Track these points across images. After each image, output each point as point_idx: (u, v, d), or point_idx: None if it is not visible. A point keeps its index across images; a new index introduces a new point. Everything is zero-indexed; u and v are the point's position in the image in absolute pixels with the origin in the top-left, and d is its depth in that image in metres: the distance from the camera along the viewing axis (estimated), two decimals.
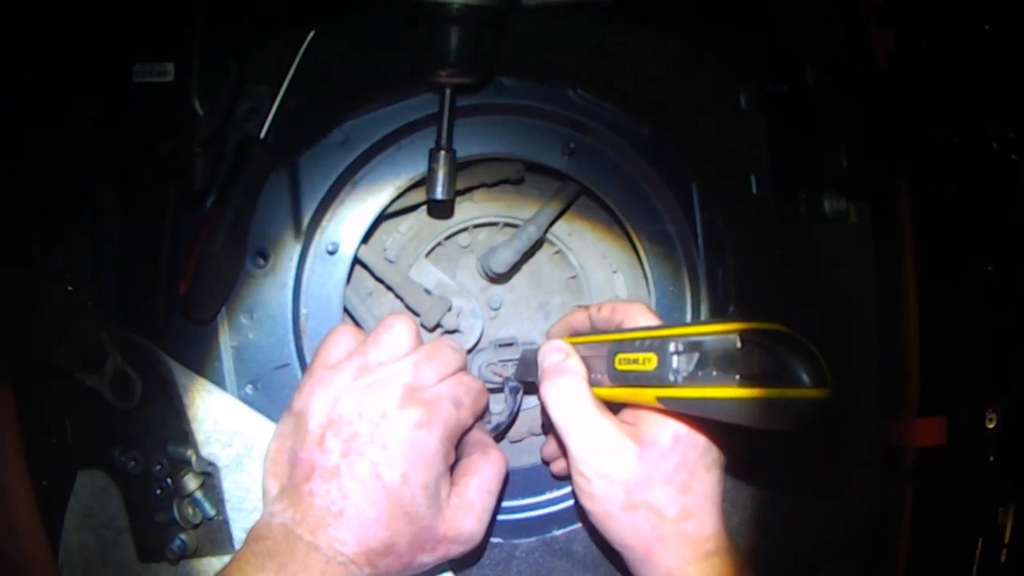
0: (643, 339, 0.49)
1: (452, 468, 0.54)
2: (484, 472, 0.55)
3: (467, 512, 0.53)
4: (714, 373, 0.43)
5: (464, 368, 0.56)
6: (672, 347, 0.46)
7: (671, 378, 0.46)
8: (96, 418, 0.62)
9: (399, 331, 0.54)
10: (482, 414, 0.57)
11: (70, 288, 0.59)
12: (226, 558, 0.58)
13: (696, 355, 0.45)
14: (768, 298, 0.66)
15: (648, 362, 0.48)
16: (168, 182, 0.56)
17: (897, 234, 0.67)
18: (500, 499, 0.57)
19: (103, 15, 0.53)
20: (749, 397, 0.40)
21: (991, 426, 0.67)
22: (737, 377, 0.41)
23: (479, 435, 0.58)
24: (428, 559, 0.53)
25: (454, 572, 0.59)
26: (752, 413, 0.41)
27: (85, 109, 0.55)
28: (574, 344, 0.55)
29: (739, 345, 0.42)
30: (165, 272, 0.59)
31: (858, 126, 0.63)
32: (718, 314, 0.66)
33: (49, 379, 0.61)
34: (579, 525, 0.65)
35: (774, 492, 0.67)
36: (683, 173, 0.65)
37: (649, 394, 0.47)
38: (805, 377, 0.39)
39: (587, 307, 0.59)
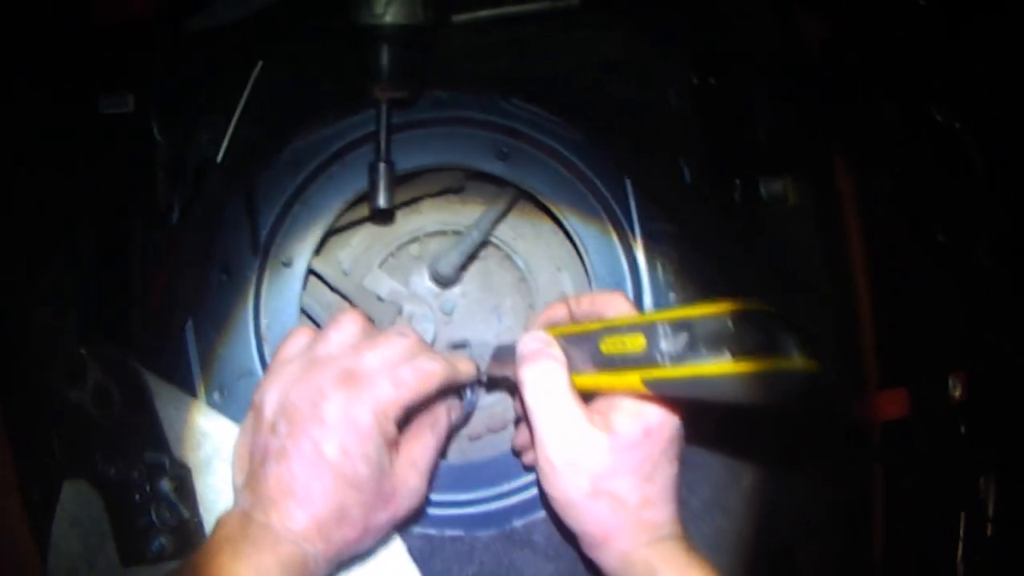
0: (631, 324, 0.50)
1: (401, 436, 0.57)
2: (427, 439, 0.59)
3: (410, 468, 0.57)
4: (704, 352, 0.44)
5: (416, 352, 0.58)
6: (661, 329, 0.47)
7: (659, 359, 0.47)
8: (79, 430, 0.67)
9: (345, 326, 0.58)
10: (435, 392, 0.58)
11: (53, 310, 0.65)
12: None
13: (685, 335, 0.46)
14: (711, 285, 0.68)
15: (636, 344, 0.49)
16: (134, 204, 0.62)
17: (839, 211, 0.68)
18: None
19: (68, 50, 0.60)
20: (742, 373, 0.42)
21: (956, 394, 0.66)
22: (729, 354, 0.43)
23: (430, 412, 0.60)
24: (382, 517, 0.55)
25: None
26: (744, 389, 0.42)
27: (62, 142, 0.62)
28: (554, 335, 0.57)
29: (730, 324, 0.43)
30: (137, 288, 0.65)
31: (785, 107, 0.65)
32: (661, 303, 0.67)
33: (36, 397, 0.66)
34: (540, 515, 0.66)
35: (733, 474, 0.67)
36: (615, 169, 0.68)
37: (635, 377, 0.49)
38: (795, 351, 0.41)
39: (566, 300, 0.61)
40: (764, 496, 0.67)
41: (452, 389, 0.62)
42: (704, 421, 0.61)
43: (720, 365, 0.42)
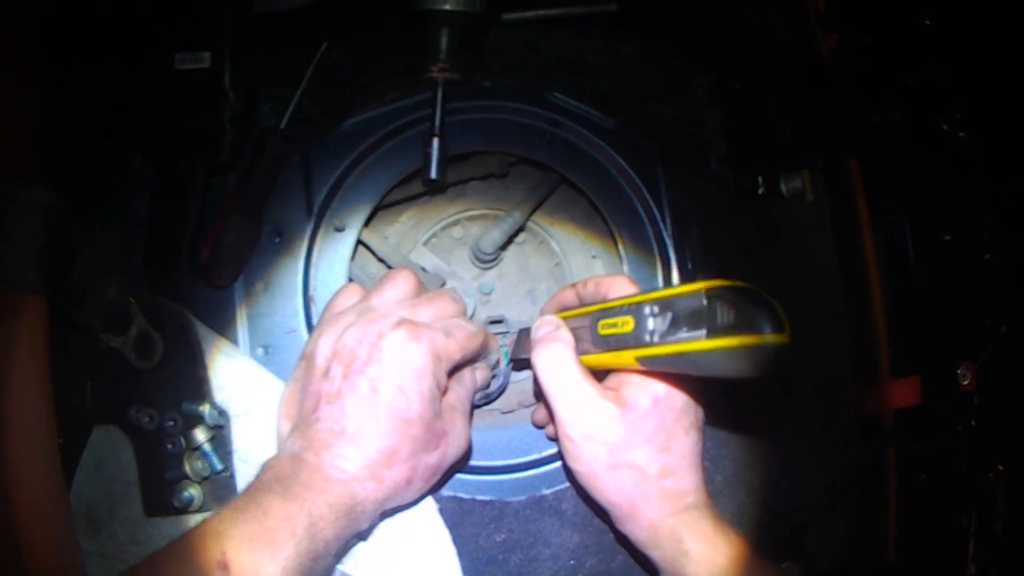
0: (622, 305, 0.54)
1: None
2: (459, 390, 0.61)
3: (453, 411, 0.58)
4: (684, 330, 0.47)
5: (464, 315, 0.61)
6: (647, 310, 0.50)
7: (647, 338, 0.50)
8: (115, 377, 0.67)
9: (400, 280, 0.61)
10: (475, 356, 0.61)
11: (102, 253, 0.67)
12: None
13: (669, 315, 0.49)
14: (734, 270, 0.72)
15: (626, 325, 0.52)
16: (199, 154, 0.66)
17: (852, 208, 0.73)
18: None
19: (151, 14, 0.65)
20: (716, 348, 0.45)
21: (965, 382, 0.69)
22: (704, 331, 0.45)
23: (467, 367, 0.63)
24: (432, 459, 0.57)
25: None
26: (718, 363, 0.45)
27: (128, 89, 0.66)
28: (564, 318, 0.60)
29: (705, 302, 0.46)
30: (190, 238, 0.67)
31: (805, 109, 0.72)
32: None
33: (74, 337, 0.67)
34: (567, 485, 0.67)
35: (755, 453, 0.69)
36: (648, 159, 0.73)
37: (629, 355, 0.51)
38: (765, 325, 0.44)
39: (575, 284, 0.65)
40: (783, 475, 0.70)
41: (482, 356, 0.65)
42: (724, 398, 0.65)
43: (697, 342, 0.45)
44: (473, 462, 0.68)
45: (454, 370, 0.60)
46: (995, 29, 0.67)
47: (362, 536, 0.59)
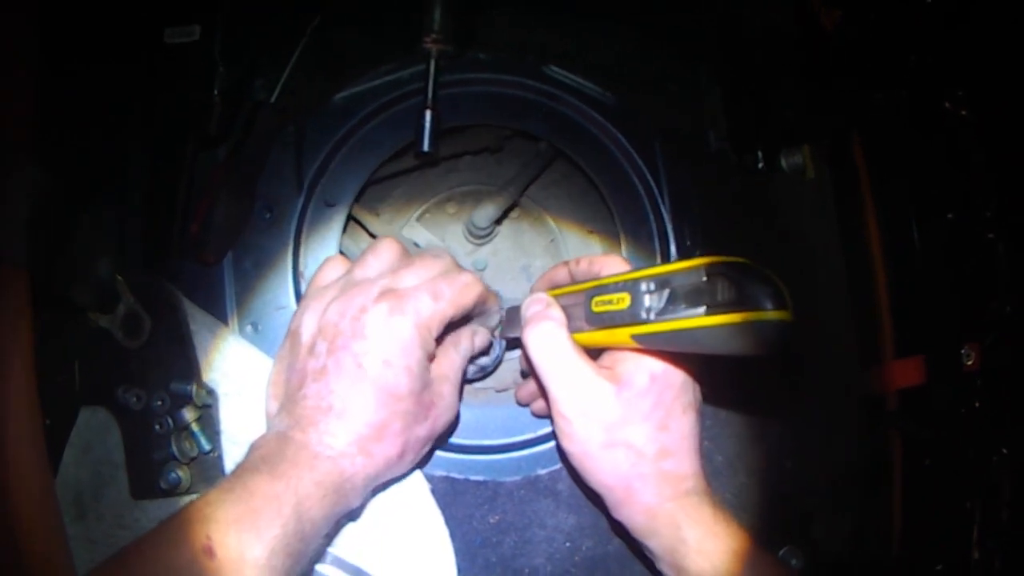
0: (617, 282, 0.52)
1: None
2: (452, 356, 0.59)
3: (443, 381, 0.57)
4: (683, 306, 0.46)
5: (452, 268, 0.59)
6: (644, 286, 0.49)
7: (644, 315, 0.49)
8: (103, 358, 0.66)
9: (383, 250, 0.59)
10: (472, 308, 0.59)
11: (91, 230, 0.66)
12: None
13: (666, 292, 0.48)
14: (732, 246, 0.70)
15: (622, 302, 0.51)
16: (188, 127, 0.64)
17: (855, 185, 0.72)
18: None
19: None
20: (716, 324, 0.44)
21: (969, 363, 0.68)
22: (704, 308, 0.44)
23: (456, 333, 0.61)
24: (422, 431, 0.56)
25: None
26: (720, 339, 0.44)
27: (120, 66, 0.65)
28: (555, 296, 0.59)
29: (704, 279, 0.45)
30: (180, 215, 0.66)
31: (806, 85, 0.70)
32: None
33: (61, 316, 0.66)
34: (562, 465, 0.66)
35: (757, 433, 0.68)
36: (646, 133, 0.72)
37: (624, 333, 0.50)
38: (767, 302, 0.42)
39: (567, 262, 0.63)
40: (785, 456, 0.68)
41: (477, 315, 0.63)
42: (724, 377, 0.63)
43: (697, 319, 0.44)
44: (466, 441, 0.67)
45: (451, 328, 0.58)
46: (998, 8, 0.65)
47: (352, 516, 0.58)
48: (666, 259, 0.70)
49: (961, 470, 0.68)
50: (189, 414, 0.64)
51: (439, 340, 0.58)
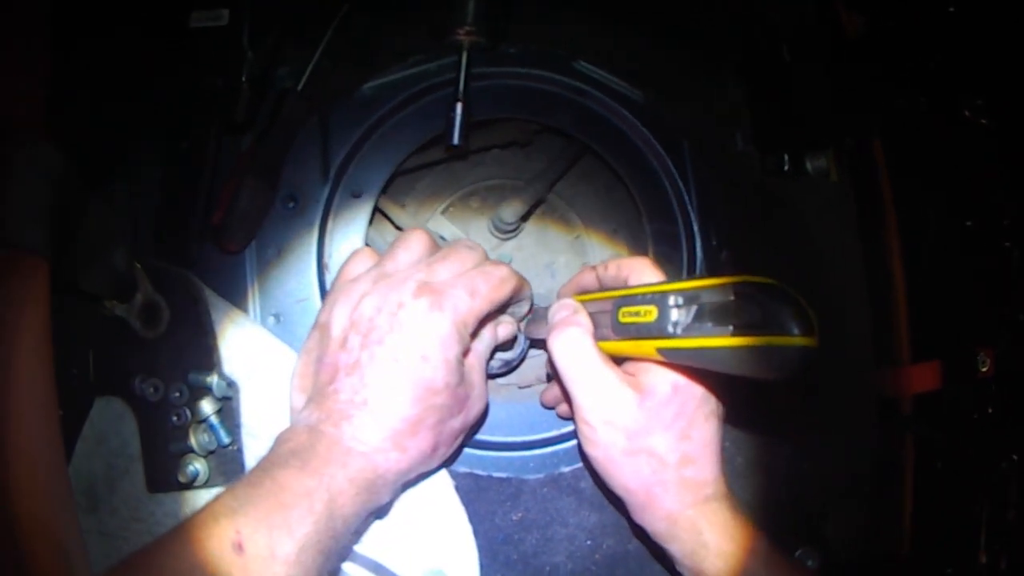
0: (644, 294, 0.52)
1: None
2: (477, 346, 0.59)
3: (472, 371, 0.57)
4: (710, 324, 0.46)
5: (485, 261, 0.58)
6: (671, 300, 0.49)
7: (670, 330, 0.48)
8: (119, 347, 0.65)
9: (413, 242, 0.58)
10: (507, 301, 0.58)
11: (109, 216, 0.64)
12: None
13: (694, 307, 0.48)
14: (758, 247, 0.71)
15: (649, 314, 0.50)
16: (213, 113, 0.63)
17: (876, 192, 0.73)
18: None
19: None
20: (741, 346, 0.43)
21: (984, 369, 0.69)
22: (731, 328, 0.44)
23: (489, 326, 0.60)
24: (456, 424, 0.55)
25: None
26: (743, 361, 0.44)
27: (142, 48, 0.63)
28: (582, 302, 0.59)
29: (732, 297, 0.45)
30: (202, 202, 0.64)
31: (830, 89, 0.71)
32: (712, 261, 0.70)
33: (77, 304, 0.64)
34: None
35: (775, 436, 0.69)
36: (675, 132, 0.71)
37: (650, 346, 0.50)
38: (793, 327, 0.42)
39: (595, 266, 0.62)
40: (803, 458, 0.69)
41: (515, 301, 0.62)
42: (746, 385, 0.63)
43: (722, 339, 0.44)
44: (490, 438, 0.66)
45: (484, 319, 0.58)
46: (1019, 18, 0.66)
47: (381, 513, 0.58)
48: (692, 258, 0.71)
49: (971, 474, 0.70)
50: (208, 406, 0.63)
51: (472, 334, 0.58)
